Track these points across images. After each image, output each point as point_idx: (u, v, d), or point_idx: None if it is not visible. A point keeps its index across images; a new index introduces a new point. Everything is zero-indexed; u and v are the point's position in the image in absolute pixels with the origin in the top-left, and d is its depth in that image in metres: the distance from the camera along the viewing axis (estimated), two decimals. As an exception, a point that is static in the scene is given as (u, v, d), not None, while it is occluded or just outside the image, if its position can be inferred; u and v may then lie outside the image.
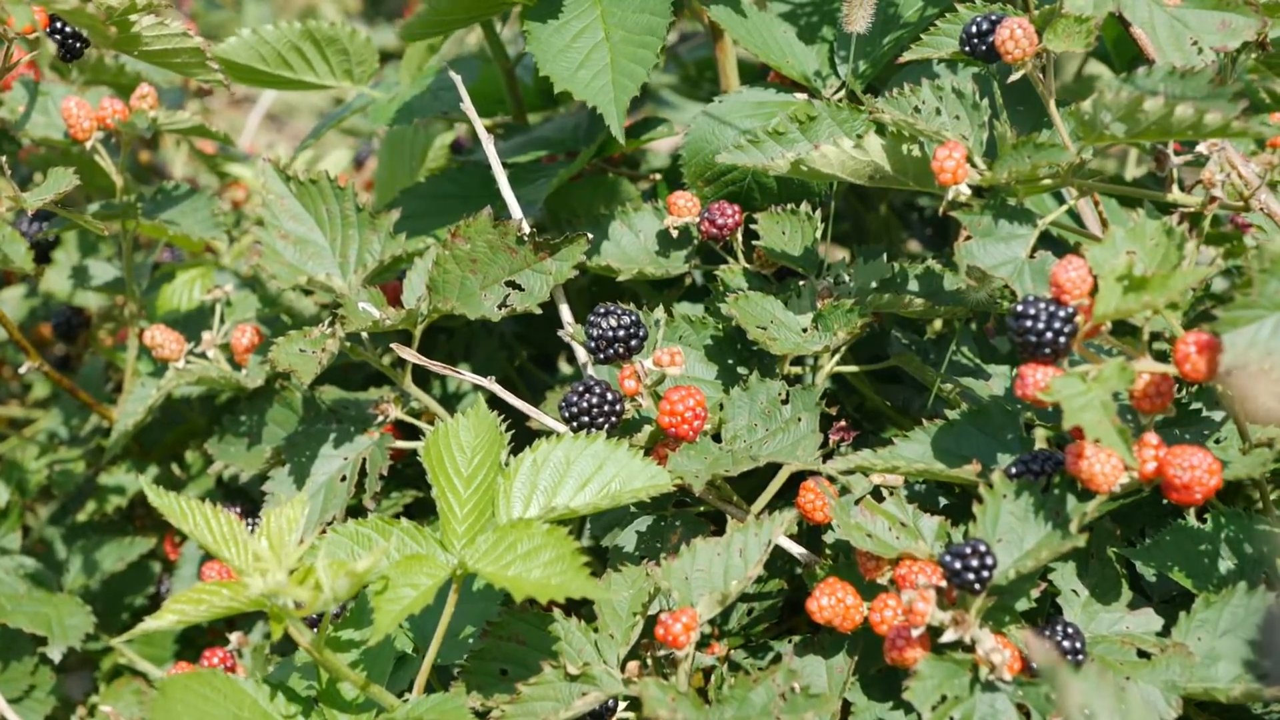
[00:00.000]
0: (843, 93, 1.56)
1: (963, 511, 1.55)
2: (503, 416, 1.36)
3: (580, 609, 1.33)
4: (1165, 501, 1.49)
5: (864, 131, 1.33)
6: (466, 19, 1.66)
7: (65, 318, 2.20)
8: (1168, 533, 1.36)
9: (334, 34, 1.79)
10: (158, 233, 1.90)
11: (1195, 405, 1.38)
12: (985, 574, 1.18)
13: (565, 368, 2.14)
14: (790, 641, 1.50)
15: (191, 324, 1.97)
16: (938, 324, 1.85)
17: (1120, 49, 1.83)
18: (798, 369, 1.55)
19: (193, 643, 1.93)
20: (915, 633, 1.20)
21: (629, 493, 1.27)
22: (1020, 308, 1.18)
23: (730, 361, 1.53)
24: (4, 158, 1.66)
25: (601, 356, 1.37)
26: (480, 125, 1.60)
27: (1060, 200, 1.60)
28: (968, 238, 1.27)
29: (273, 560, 1.11)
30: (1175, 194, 1.30)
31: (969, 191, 1.28)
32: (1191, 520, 1.37)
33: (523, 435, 1.47)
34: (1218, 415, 1.38)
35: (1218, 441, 1.35)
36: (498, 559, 1.22)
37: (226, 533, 1.14)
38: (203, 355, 1.72)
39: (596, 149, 1.74)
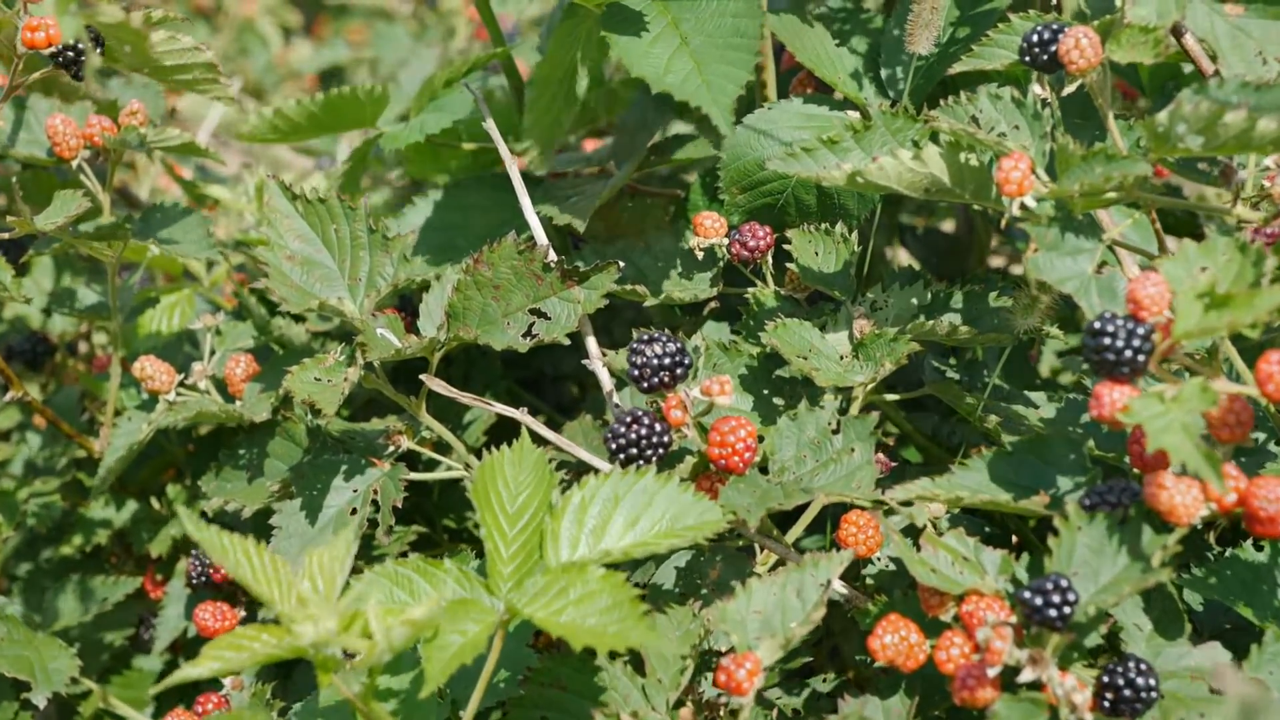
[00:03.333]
0: (896, 107, 1.49)
1: (1004, 542, 1.50)
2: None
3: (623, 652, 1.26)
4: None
5: (919, 139, 1.27)
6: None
7: (30, 345, 2.09)
8: (1226, 564, 1.31)
9: (353, 95, 1.73)
10: (138, 255, 1.81)
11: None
12: (1067, 610, 1.12)
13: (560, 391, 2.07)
14: (825, 679, 1.44)
15: (172, 352, 1.88)
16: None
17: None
18: (828, 396, 1.48)
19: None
20: (991, 672, 1.14)
21: (683, 529, 1.20)
22: (1098, 325, 1.13)
23: (765, 391, 1.46)
24: (15, 180, 1.58)
25: (645, 385, 1.29)
26: (504, 148, 1.53)
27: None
28: (1035, 251, 1.21)
29: (321, 605, 1.03)
30: (1240, 209, 1.25)
31: (1034, 204, 1.22)
32: (1250, 552, 1.32)
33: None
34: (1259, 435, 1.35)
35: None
36: (548, 604, 1.14)
37: (270, 572, 1.06)
38: (193, 387, 1.64)
39: (637, 166, 1.67)
